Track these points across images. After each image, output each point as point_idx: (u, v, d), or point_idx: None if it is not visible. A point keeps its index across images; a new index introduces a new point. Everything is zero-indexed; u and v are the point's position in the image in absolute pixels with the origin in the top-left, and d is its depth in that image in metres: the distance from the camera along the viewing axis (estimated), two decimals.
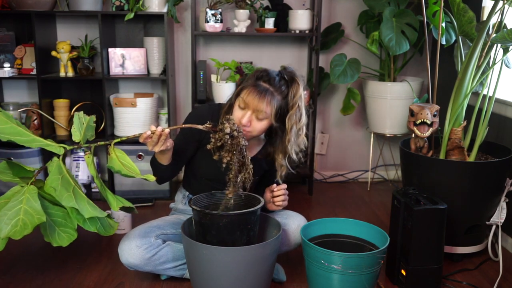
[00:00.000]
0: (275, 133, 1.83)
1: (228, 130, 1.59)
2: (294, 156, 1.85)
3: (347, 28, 3.11)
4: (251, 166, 1.67)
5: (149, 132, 1.60)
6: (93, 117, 1.80)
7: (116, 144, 2.83)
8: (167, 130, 1.61)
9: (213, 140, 1.62)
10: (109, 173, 2.91)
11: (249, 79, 1.77)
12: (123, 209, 1.73)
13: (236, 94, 1.79)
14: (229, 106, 1.82)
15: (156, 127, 1.62)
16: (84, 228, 1.72)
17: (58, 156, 1.68)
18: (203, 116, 1.86)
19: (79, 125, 1.72)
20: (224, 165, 1.64)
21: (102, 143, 1.69)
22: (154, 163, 1.82)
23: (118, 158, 1.64)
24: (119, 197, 1.73)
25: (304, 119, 1.81)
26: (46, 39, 2.84)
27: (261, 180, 2.02)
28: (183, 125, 1.71)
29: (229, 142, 1.60)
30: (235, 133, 1.61)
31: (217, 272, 1.65)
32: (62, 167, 1.65)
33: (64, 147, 1.68)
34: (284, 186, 1.89)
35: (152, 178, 1.64)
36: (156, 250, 1.81)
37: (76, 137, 1.71)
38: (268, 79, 1.74)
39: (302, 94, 1.79)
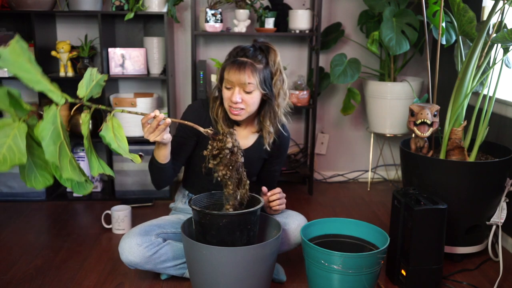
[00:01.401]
0: (264, 102, 1.84)
1: (230, 145, 1.58)
2: (283, 119, 1.89)
3: (347, 28, 3.11)
4: (248, 181, 1.69)
5: (152, 114, 1.58)
6: (105, 76, 1.71)
7: None
8: (168, 120, 1.58)
9: (209, 147, 1.62)
10: None
11: (227, 59, 1.80)
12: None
13: (220, 79, 1.81)
14: (218, 92, 1.84)
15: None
16: (60, 182, 1.65)
17: (57, 105, 1.59)
18: (199, 111, 1.88)
19: (88, 81, 1.64)
20: (218, 178, 1.63)
21: (103, 107, 1.63)
22: (152, 164, 1.80)
23: (113, 129, 1.59)
24: (103, 163, 1.66)
25: (286, 81, 1.86)
26: (46, 39, 2.84)
27: (261, 172, 2.02)
28: (186, 122, 1.66)
29: (228, 156, 1.60)
30: (235, 149, 1.61)
31: (217, 272, 1.65)
32: (57, 117, 1.57)
33: (66, 98, 1.61)
34: (278, 190, 1.88)
35: (138, 159, 1.56)
36: (156, 248, 1.81)
37: (81, 92, 1.62)
38: (243, 53, 1.77)
39: (280, 60, 1.83)
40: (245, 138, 1.91)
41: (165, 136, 1.64)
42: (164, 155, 1.74)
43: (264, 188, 1.88)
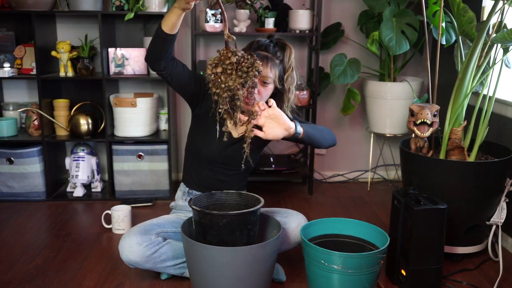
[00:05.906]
0: (274, 96, 1.88)
1: (235, 59, 1.54)
2: (289, 115, 1.91)
3: (347, 28, 3.11)
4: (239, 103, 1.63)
5: None
6: None
7: (116, 143, 2.83)
8: None
9: (225, 51, 1.57)
10: (109, 173, 2.91)
11: (246, 50, 1.81)
12: None
13: None
14: None
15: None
16: None
17: None
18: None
19: None
20: (213, 95, 1.57)
21: None
22: (157, 34, 1.70)
23: None
24: None
25: (296, 80, 1.92)
26: (46, 39, 2.84)
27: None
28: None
29: (247, 63, 1.56)
30: (244, 65, 1.57)
31: (217, 272, 1.65)
32: None
33: None
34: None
35: None
36: (156, 247, 1.81)
37: None
38: (265, 48, 1.84)
39: (294, 58, 1.89)
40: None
41: (191, 3, 1.55)
42: (173, 23, 1.65)
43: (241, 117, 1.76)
